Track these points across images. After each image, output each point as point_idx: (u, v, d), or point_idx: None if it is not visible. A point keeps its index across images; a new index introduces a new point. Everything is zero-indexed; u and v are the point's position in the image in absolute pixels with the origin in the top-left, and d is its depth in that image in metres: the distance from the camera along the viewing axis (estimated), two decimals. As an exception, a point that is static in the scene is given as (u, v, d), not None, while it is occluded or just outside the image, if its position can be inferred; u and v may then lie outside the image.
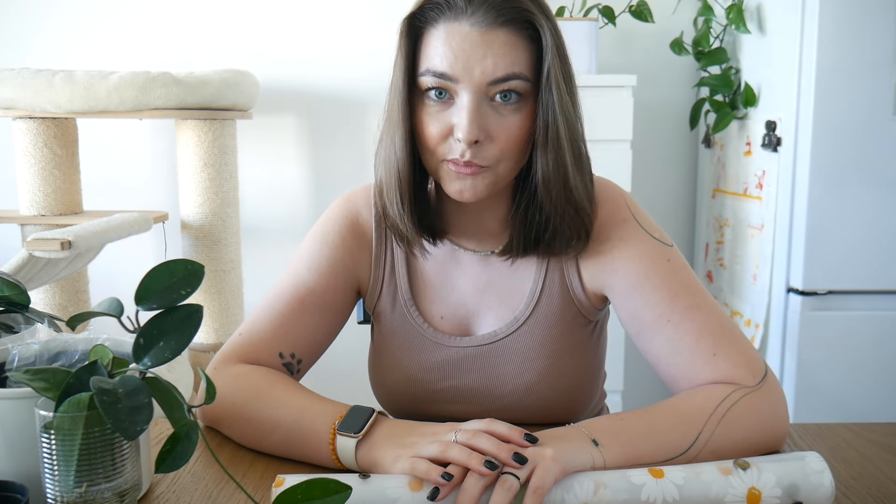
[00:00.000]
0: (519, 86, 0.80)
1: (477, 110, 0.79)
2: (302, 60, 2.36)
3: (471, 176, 0.82)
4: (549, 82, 0.79)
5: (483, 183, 0.82)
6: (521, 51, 0.79)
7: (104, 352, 0.66)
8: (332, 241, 0.96)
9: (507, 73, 0.78)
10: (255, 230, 2.43)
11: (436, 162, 0.84)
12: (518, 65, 0.79)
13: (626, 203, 0.91)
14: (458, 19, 0.79)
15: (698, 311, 0.85)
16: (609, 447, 0.73)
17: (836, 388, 1.89)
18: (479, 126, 0.79)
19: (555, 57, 0.79)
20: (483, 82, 0.79)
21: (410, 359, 0.96)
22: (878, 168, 1.81)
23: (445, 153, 0.82)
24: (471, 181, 0.82)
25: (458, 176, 0.82)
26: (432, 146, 0.82)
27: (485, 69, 0.78)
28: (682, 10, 2.33)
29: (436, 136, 0.82)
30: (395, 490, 0.68)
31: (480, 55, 0.78)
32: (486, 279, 0.95)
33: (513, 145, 0.81)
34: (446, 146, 0.82)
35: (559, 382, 0.93)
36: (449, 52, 0.79)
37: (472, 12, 0.78)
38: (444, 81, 0.80)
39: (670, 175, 2.50)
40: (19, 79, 1.96)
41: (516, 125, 0.81)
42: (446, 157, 0.82)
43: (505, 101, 0.80)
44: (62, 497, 0.61)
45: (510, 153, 0.82)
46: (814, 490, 0.69)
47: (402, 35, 0.83)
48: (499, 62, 0.78)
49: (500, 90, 0.79)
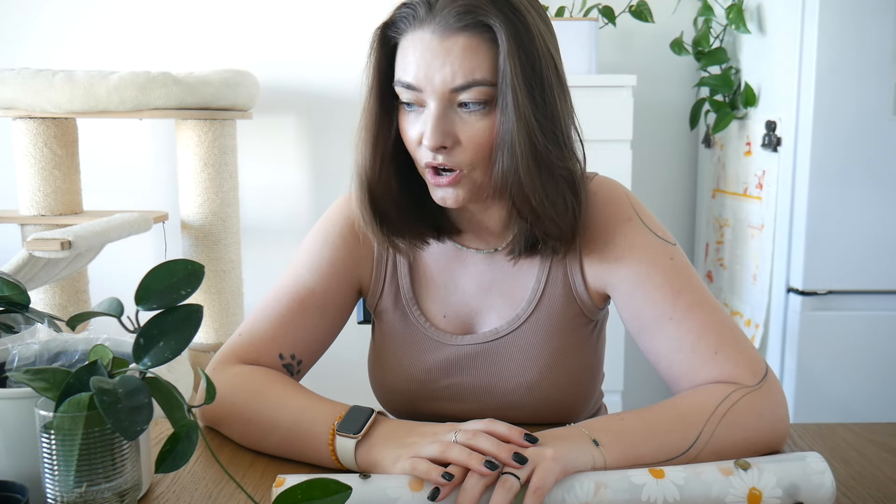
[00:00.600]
0: (481, 91, 0.78)
1: (441, 117, 0.79)
2: (302, 60, 2.36)
3: (450, 185, 0.82)
4: (504, 86, 0.78)
5: (463, 190, 0.83)
6: (482, 55, 0.78)
7: (104, 352, 0.66)
8: (333, 241, 0.96)
9: (466, 80, 0.78)
10: (255, 230, 2.43)
11: (420, 168, 0.85)
12: (479, 71, 0.78)
13: (631, 202, 0.91)
14: (422, 27, 0.79)
15: (700, 309, 0.85)
16: (609, 447, 0.73)
17: (836, 388, 1.89)
18: (443, 132, 0.79)
19: (512, 59, 0.77)
20: (444, 90, 0.79)
21: (412, 357, 0.96)
22: (878, 168, 1.81)
23: (422, 159, 0.83)
24: (451, 190, 0.83)
25: (437, 185, 0.83)
26: (412, 151, 0.84)
27: (445, 78, 0.78)
28: (682, 10, 2.33)
29: (413, 142, 0.83)
30: (395, 490, 0.68)
31: (440, 63, 0.78)
32: (489, 278, 0.95)
33: (481, 149, 0.81)
34: (422, 152, 0.83)
35: (560, 381, 0.93)
36: (412, 63, 0.80)
37: (432, 20, 0.78)
38: (412, 92, 0.81)
39: (670, 175, 2.50)
40: (19, 79, 1.96)
41: (483, 129, 0.80)
42: (423, 164, 0.83)
43: (469, 108, 0.79)
44: (62, 497, 0.61)
45: (479, 157, 0.81)
46: (815, 490, 0.69)
47: (373, 44, 0.84)
48: (457, 70, 0.78)
49: (463, 97, 0.79)
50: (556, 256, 0.90)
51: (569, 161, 0.83)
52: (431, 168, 0.82)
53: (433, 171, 0.83)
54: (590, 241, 0.90)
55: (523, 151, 0.79)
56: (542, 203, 0.82)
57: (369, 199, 0.87)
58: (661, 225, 0.92)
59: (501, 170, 0.80)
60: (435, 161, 0.81)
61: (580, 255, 0.91)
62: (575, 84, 2.22)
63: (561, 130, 0.82)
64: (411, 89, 0.80)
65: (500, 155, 0.80)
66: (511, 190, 0.81)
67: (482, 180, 0.83)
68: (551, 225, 0.84)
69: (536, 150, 0.79)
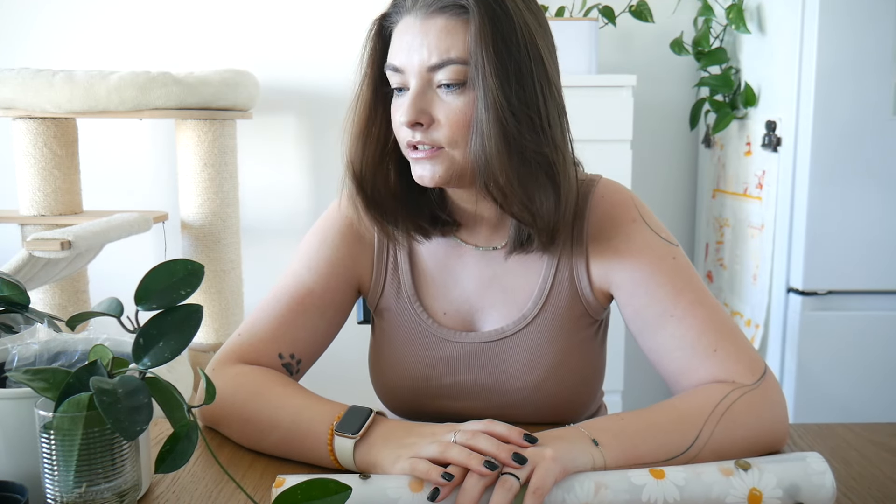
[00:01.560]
0: (457, 70, 0.80)
1: (419, 95, 0.82)
2: (302, 60, 2.36)
3: (428, 160, 0.84)
4: (476, 68, 0.79)
5: (440, 167, 0.84)
6: (458, 35, 0.80)
7: (104, 352, 0.66)
8: (332, 240, 0.96)
9: (441, 59, 0.80)
10: (255, 230, 2.43)
11: (403, 150, 0.87)
12: (455, 49, 0.80)
13: (635, 204, 0.93)
14: (409, 13, 0.83)
15: (701, 307, 0.86)
16: (609, 447, 0.73)
17: (836, 388, 1.89)
18: (418, 109, 0.81)
19: (483, 40, 0.78)
20: (422, 69, 0.81)
21: (415, 355, 0.96)
22: (878, 168, 1.81)
23: (403, 139, 0.85)
24: (429, 165, 0.84)
25: (417, 161, 0.85)
26: (396, 134, 0.86)
27: (422, 57, 0.81)
28: (682, 10, 2.33)
29: (397, 124, 0.85)
30: (395, 490, 0.68)
31: (419, 44, 0.81)
32: (490, 275, 0.95)
33: (458, 128, 0.82)
34: (403, 132, 0.85)
35: (566, 380, 0.93)
36: (399, 46, 0.83)
37: (416, 4, 0.82)
38: (398, 74, 0.83)
39: (670, 175, 2.50)
40: (19, 79, 1.96)
41: (459, 109, 0.81)
42: (404, 143, 0.85)
43: (447, 88, 0.81)
44: (62, 497, 0.61)
45: (457, 136, 0.82)
46: (815, 491, 0.69)
47: (370, 35, 0.87)
48: (433, 49, 0.80)
49: (439, 77, 0.81)
50: (545, 253, 0.90)
51: (545, 147, 0.82)
52: (411, 146, 0.84)
53: (412, 148, 0.84)
54: (596, 242, 0.91)
55: (491, 130, 0.80)
56: (511, 185, 0.82)
57: (356, 188, 0.89)
58: (663, 227, 0.93)
59: (473, 150, 0.81)
60: (414, 139, 0.83)
61: (586, 255, 0.92)
62: (575, 84, 2.21)
63: (539, 117, 0.82)
64: (397, 72, 0.83)
65: (473, 135, 0.81)
66: (481, 171, 0.82)
67: (461, 160, 0.84)
68: (522, 210, 0.83)
69: (506, 130, 0.80)
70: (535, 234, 0.86)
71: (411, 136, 0.83)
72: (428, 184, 0.85)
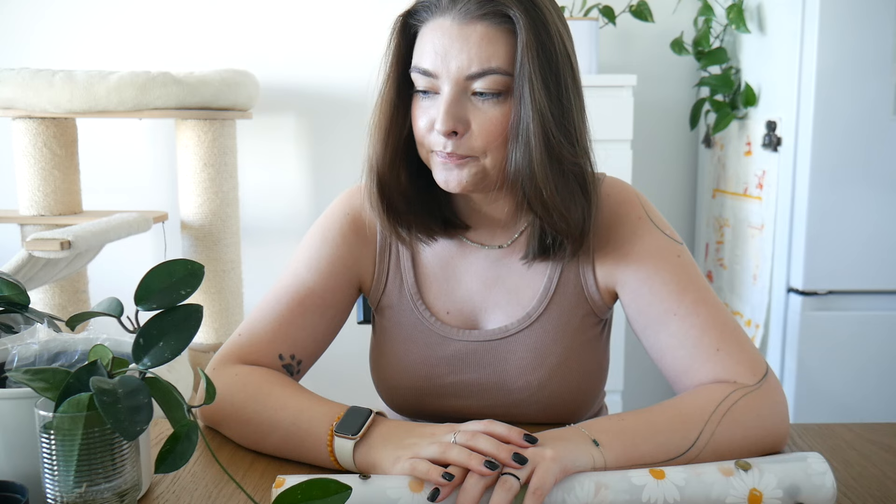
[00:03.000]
0: (497, 80, 0.79)
1: (455, 103, 0.80)
2: (302, 60, 2.36)
3: (456, 167, 0.83)
4: (521, 77, 0.79)
5: (468, 174, 0.83)
6: (499, 45, 0.79)
7: (104, 352, 0.66)
8: (333, 239, 0.96)
9: (482, 68, 0.79)
10: (255, 230, 2.43)
11: (426, 153, 0.86)
12: (496, 59, 0.79)
13: (640, 201, 0.93)
14: (443, 15, 0.80)
15: (704, 306, 0.86)
16: (610, 447, 0.73)
17: (836, 388, 1.89)
18: (455, 118, 0.80)
19: (530, 51, 0.78)
20: (460, 77, 0.80)
21: (418, 353, 0.96)
22: (878, 168, 1.81)
23: (432, 145, 0.84)
24: (456, 171, 0.83)
25: (444, 166, 0.83)
26: (420, 138, 0.85)
27: (461, 64, 0.79)
28: (682, 10, 2.33)
29: (423, 128, 0.84)
30: (395, 491, 0.68)
31: (458, 50, 0.79)
32: (494, 274, 0.95)
33: (494, 138, 0.81)
34: (432, 138, 0.83)
35: (569, 379, 0.93)
36: (431, 49, 0.81)
37: (453, 7, 0.80)
38: (428, 78, 0.81)
39: (670, 175, 2.50)
40: (19, 79, 1.96)
41: (496, 118, 0.81)
42: (432, 149, 0.84)
43: (484, 97, 0.80)
44: (62, 497, 0.61)
45: (492, 146, 0.82)
46: (815, 491, 0.69)
47: (395, 32, 0.85)
48: (474, 57, 0.79)
49: (478, 85, 0.80)
50: (567, 258, 0.90)
51: (580, 159, 0.84)
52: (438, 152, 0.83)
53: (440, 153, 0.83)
54: (601, 240, 0.91)
55: (538, 143, 0.79)
56: (553, 196, 0.82)
57: (378, 189, 0.88)
58: (668, 225, 0.93)
59: (515, 160, 0.81)
60: (445, 149, 0.82)
61: (592, 254, 0.92)
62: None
63: (574, 128, 0.83)
64: (427, 75, 0.81)
65: (514, 145, 0.81)
66: (523, 181, 0.82)
67: (491, 170, 0.83)
68: (560, 220, 0.84)
69: (550, 143, 0.80)
70: (569, 243, 0.86)
71: (443, 145, 0.82)
72: (454, 189, 0.84)
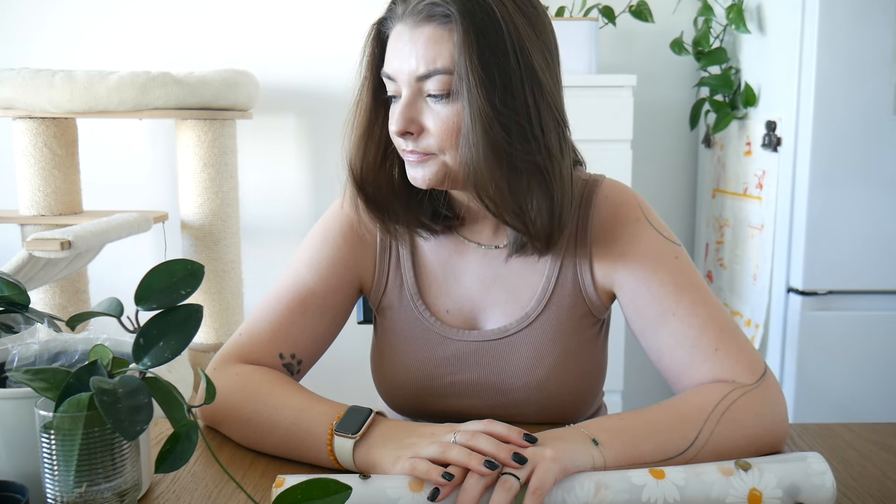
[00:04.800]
0: (443, 80, 0.80)
1: (409, 106, 0.82)
2: (302, 60, 2.36)
3: (420, 164, 0.85)
4: (460, 78, 0.79)
5: (431, 171, 0.84)
6: (444, 45, 0.80)
7: (104, 352, 0.66)
8: (333, 240, 0.96)
9: (427, 69, 0.80)
10: (255, 230, 2.43)
11: (400, 154, 0.88)
12: (441, 59, 0.80)
13: (639, 203, 0.93)
14: (401, 20, 0.83)
15: (703, 306, 0.86)
16: (609, 447, 0.73)
17: (836, 388, 1.89)
18: (407, 119, 0.82)
19: (466, 50, 0.78)
20: (411, 78, 0.82)
21: (418, 353, 0.96)
22: (878, 168, 1.81)
23: (398, 146, 0.86)
24: (420, 168, 0.85)
25: (409, 163, 0.86)
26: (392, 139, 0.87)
27: (410, 67, 0.81)
28: (682, 10, 2.33)
29: (392, 131, 0.85)
30: (395, 490, 0.68)
31: (407, 53, 0.81)
32: (493, 273, 0.95)
33: (447, 137, 0.82)
34: (396, 139, 0.86)
35: (568, 380, 0.93)
36: (391, 54, 0.84)
37: (406, 13, 0.82)
38: (391, 82, 0.84)
39: (670, 175, 2.50)
40: (19, 79, 1.96)
41: (448, 118, 0.81)
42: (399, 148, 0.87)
43: (435, 98, 0.81)
44: (62, 497, 0.61)
45: (447, 144, 0.82)
46: (815, 491, 0.69)
47: (369, 39, 0.88)
48: (421, 59, 0.80)
49: (428, 86, 0.81)
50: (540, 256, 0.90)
51: (537, 155, 0.81)
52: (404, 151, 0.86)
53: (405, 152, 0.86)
54: (599, 241, 0.92)
55: (478, 140, 0.79)
56: (501, 194, 0.82)
57: (358, 189, 0.90)
58: (666, 227, 0.94)
59: (461, 158, 0.82)
60: (407, 147, 0.84)
61: (590, 255, 0.92)
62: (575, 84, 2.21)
63: (530, 124, 0.81)
64: (389, 79, 0.84)
65: (461, 144, 0.81)
66: (472, 180, 0.82)
67: (453, 167, 0.84)
68: (513, 218, 0.84)
69: (493, 140, 0.79)
70: (529, 241, 0.86)
71: (404, 145, 0.85)
72: (421, 185, 0.86)
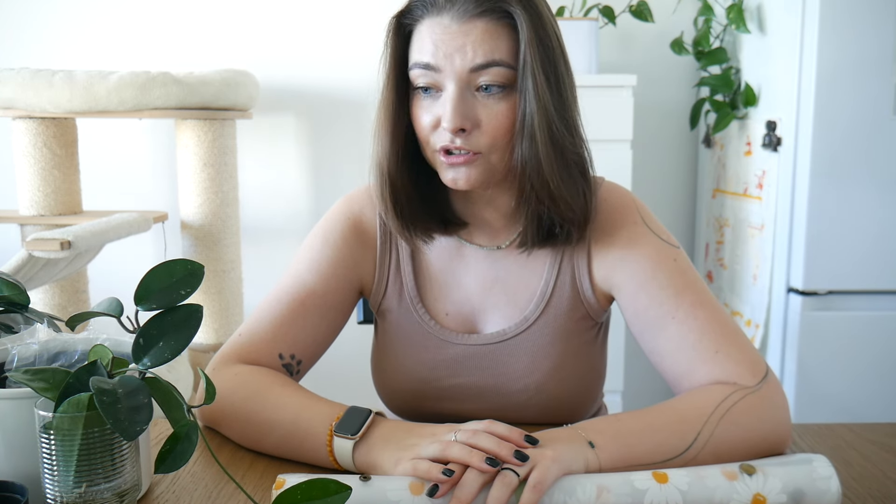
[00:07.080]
0: (501, 73, 0.81)
1: (461, 99, 0.81)
2: (302, 60, 2.36)
3: (464, 165, 0.84)
4: (524, 71, 0.80)
5: (476, 171, 0.84)
6: (501, 39, 0.81)
7: (104, 352, 0.66)
8: (334, 241, 0.96)
9: (486, 59, 0.80)
10: (255, 230, 2.43)
11: (431, 152, 0.86)
12: (498, 52, 0.80)
13: (637, 207, 0.93)
14: (440, 14, 0.82)
15: (703, 308, 0.86)
16: (604, 449, 0.73)
17: (836, 388, 1.89)
18: (462, 114, 0.81)
19: (532, 46, 0.80)
20: (464, 70, 0.81)
21: (417, 356, 0.96)
22: (878, 168, 1.81)
23: (437, 143, 0.84)
24: (464, 170, 0.84)
25: (451, 165, 0.84)
26: (425, 137, 0.85)
27: (465, 57, 0.80)
28: (682, 10, 2.33)
29: (427, 127, 0.84)
30: (396, 492, 0.67)
31: (460, 44, 0.80)
32: (493, 276, 0.95)
33: (501, 134, 0.82)
34: (437, 136, 0.84)
35: (567, 382, 0.93)
36: (431, 45, 0.82)
37: (451, 7, 0.81)
38: (430, 73, 0.82)
39: (670, 175, 2.50)
40: (19, 79, 1.96)
41: (502, 113, 0.82)
42: (437, 147, 0.84)
43: (489, 91, 0.81)
44: (62, 497, 0.61)
45: (499, 141, 0.83)
46: (820, 496, 0.68)
47: (389, 33, 0.86)
48: (478, 50, 0.80)
49: (483, 79, 0.81)
50: (567, 246, 0.91)
51: (580, 148, 0.86)
52: (445, 150, 0.84)
53: (446, 152, 0.84)
54: (598, 244, 0.92)
55: (543, 137, 0.81)
56: (560, 187, 0.84)
57: (389, 189, 0.89)
58: (665, 229, 0.94)
59: (521, 154, 0.82)
60: (453, 144, 0.82)
61: (588, 258, 0.92)
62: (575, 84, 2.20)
63: (573, 118, 0.85)
64: (429, 70, 0.82)
65: (519, 140, 0.82)
66: (529, 174, 0.83)
67: (497, 164, 0.85)
68: (566, 209, 0.86)
69: (554, 135, 0.82)
70: (574, 229, 0.88)
71: (450, 142, 0.83)
72: (462, 187, 0.85)
